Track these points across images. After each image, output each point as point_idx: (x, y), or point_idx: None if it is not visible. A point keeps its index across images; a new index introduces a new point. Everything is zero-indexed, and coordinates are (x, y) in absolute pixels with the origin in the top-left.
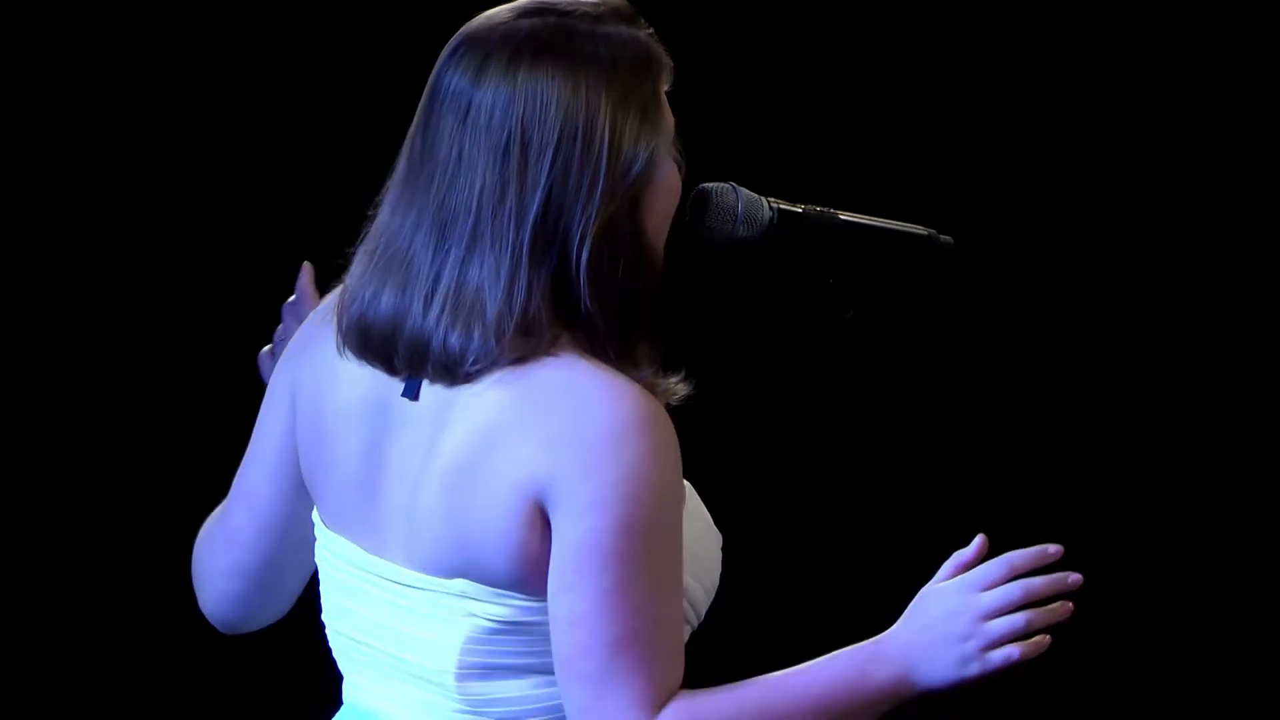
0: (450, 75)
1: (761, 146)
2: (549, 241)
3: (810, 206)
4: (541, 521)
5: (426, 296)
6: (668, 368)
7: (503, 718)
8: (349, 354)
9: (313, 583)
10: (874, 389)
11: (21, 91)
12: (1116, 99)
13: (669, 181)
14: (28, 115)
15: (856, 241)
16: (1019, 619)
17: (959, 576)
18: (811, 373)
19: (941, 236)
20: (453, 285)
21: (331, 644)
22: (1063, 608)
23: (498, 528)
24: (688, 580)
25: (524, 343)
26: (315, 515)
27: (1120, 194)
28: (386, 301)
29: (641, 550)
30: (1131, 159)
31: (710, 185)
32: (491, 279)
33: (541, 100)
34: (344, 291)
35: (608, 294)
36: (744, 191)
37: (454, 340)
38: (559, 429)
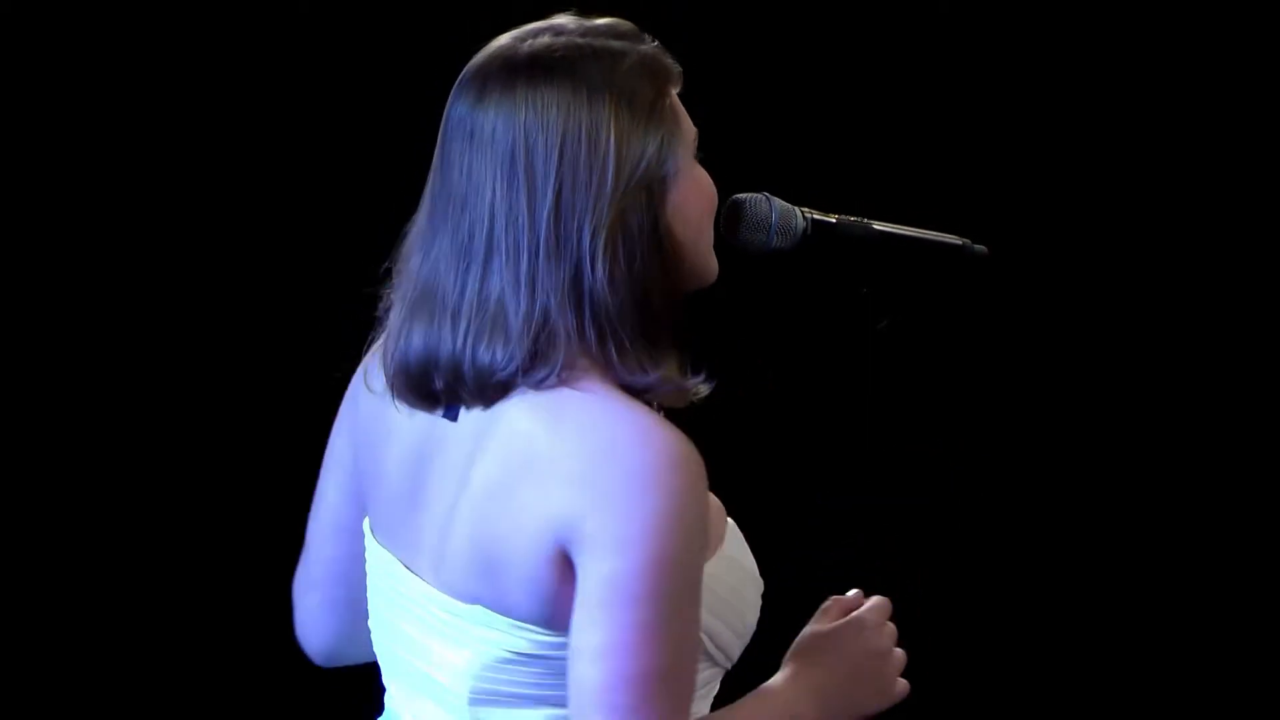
0: (456, 106)
1: (793, 156)
2: (563, 241)
3: (844, 216)
4: (564, 560)
5: (453, 318)
6: (697, 372)
7: None
8: (401, 406)
9: None
10: (907, 398)
11: (22, 92)
12: (1156, 106)
13: (697, 183)
14: (28, 116)
15: (890, 251)
16: (901, 653)
17: (857, 616)
18: (844, 382)
19: (975, 246)
20: (475, 300)
21: (376, 650)
22: None
23: (521, 562)
24: (712, 622)
25: (547, 358)
26: (365, 524)
27: (1156, 203)
28: (418, 337)
29: (670, 588)
30: (1169, 167)
31: (744, 196)
32: (511, 286)
33: (542, 107)
34: (385, 341)
35: (624, 287)
36: (777, 202)
37: (483, 354)
38: (588, 467)
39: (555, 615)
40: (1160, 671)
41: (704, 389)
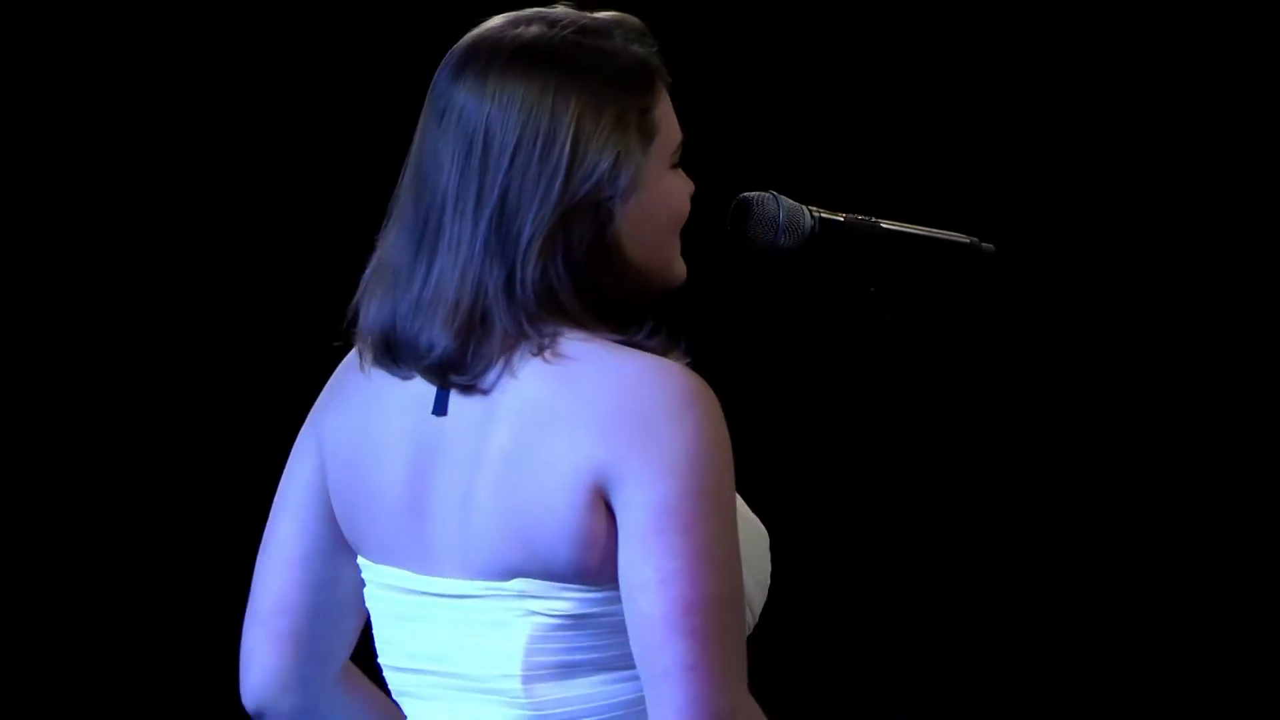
0: (438, 81)
1: (800, 155)
2: (503, 240)
3: (852, 215)
4: (603, 505)
5: (402, 291)
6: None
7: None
8: (370, 366)
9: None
10: (908, 398)
11: (22, 92)
12: (1161, 105)
13: (664, 194)
14: (29, 117)
15: (898, 250)
16: None
17: None
18: (846, 382)
19: (983, 244)
20: (421, 278)
21: (389, 685)
22: None
23: (558, 516)
24: (744, 573)
25: (477, 346)
26: (361, 560)
27: (1160, 203)
28: (374, 305)
29: (715, 513)
30: (1174, 166)
31: (751, 194)
32: (450, 271)
33: (507, 102)
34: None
35: (563, 292)
36: (785, 200)
37: (419, 331)
38: (615, 409)
39: (597, 567)
40: (1160, 671)
41: (681, 359)
